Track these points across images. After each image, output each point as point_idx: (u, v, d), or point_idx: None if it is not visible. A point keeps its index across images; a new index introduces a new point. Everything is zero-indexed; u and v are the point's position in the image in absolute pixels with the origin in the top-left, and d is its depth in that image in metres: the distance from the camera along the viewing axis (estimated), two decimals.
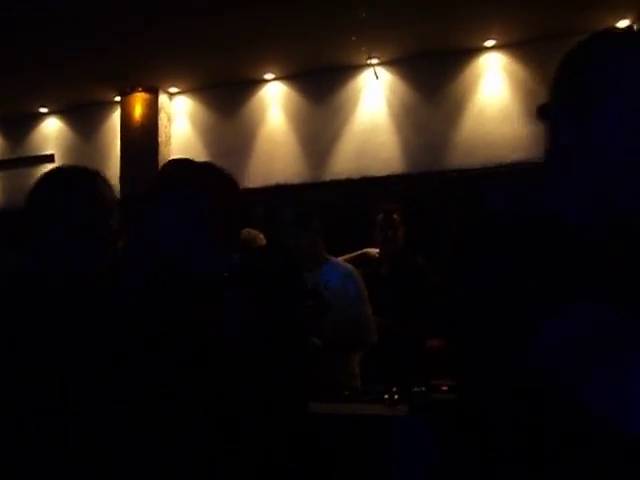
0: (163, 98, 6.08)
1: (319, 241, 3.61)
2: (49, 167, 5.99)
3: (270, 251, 1.79)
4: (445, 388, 2.83)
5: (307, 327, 3.45)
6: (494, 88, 5.14)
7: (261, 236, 4.28)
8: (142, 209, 1.67)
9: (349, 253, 4.19)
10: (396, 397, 2.84)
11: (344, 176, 5.54)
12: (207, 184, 1.64)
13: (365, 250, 4.19)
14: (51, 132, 6.70)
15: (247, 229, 4.33)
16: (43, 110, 6.62)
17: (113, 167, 6.17)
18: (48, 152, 6.67)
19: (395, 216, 4.11)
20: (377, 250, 4.13)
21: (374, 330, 3.57)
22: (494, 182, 5.22)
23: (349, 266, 3.66)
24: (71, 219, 1.58)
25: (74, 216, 1.58)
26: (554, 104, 1.12)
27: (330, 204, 5.98)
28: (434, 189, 5.65)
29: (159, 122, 6.02)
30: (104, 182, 1.68)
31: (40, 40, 5.02)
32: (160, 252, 1.58)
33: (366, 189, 5.53)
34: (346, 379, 3.44)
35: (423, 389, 2.75)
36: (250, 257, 1.74)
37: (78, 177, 1.67)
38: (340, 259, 3.86)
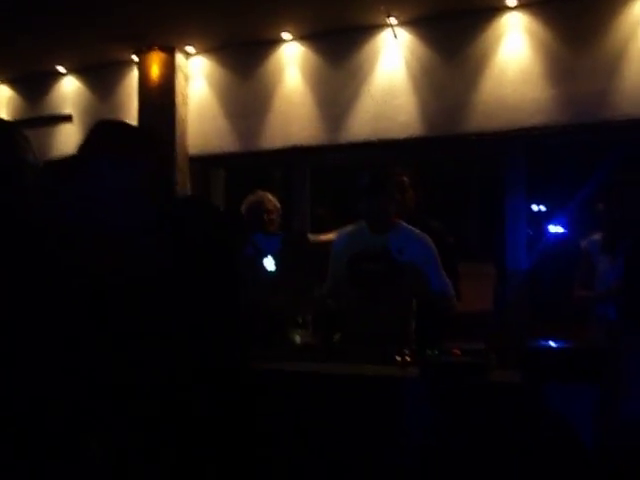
0: (180, 58, 6.04)
1: (392, 205, 3.58)
2: (67, 126, 5.99)
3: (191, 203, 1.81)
4: (458, 352, 2.83)
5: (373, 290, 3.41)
6: (515, 49, 5.02)
7: (269, 197, 4.28)
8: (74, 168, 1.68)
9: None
10: (408, 359, 2.85)
11: (361, 138, 5.49)
12: (137, 148, 1.66)
13: None
14: (69, 91, 6.69)
15: (258, 191, 4.35)
16: (61, 69, 6.60)
17: None
18: (66, 112, 6.67)
19: (404, 179, 4.10)
20: None
21: (454, 296, 3.60)
22: (513, 146, 5.15)
23: (422, 233, 3.63)
24: None
25: None
26: None
27: (347, 167, 5.96)
28: (452, 152, 5.60)
29: (176, 82, 5.99)
30: (20, 136, 1.69)
31: None
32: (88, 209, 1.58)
33: (383, 152, 5.49)
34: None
35: (435, 352, 2.76)
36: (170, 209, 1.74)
37: None
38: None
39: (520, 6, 4.99)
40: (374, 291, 3.49)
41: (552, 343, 2.53)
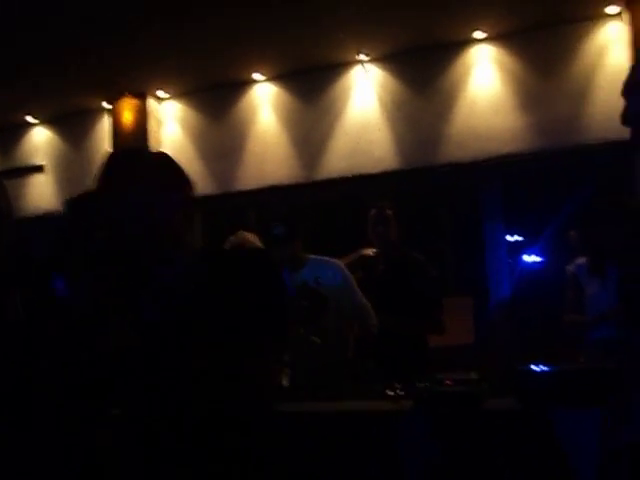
0: (151, 103, 6.02)
1: (300, 245, 3.65)
2: (39, 177, 5.87)
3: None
4: (450, 382, 2.78)
5: (307, 325, 3.45)
6: (485, 80, 5.10)
7: (250, 237, 4.20)
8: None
9: (344, 252, 4.13)
10: (400, 393, 2.79)
11: (337, 175, 5.50)
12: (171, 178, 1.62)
13: (360, 252, 4.14)
14: (40, 142, 6.63)
15: (240, 231, 4.28)
16: (31, 120, 6.55)
17: None
18: (37, 162, 6.60)
19: (387, 211, 4.08)
20: (372, 250, 4.09)
21: (374, 315, 3.62)
22: (489, 175, 5.19)
23: (332, 259, 3.69)
24: None
25: None
26: None
27: (324, 203, 5.95)
28: (427, 184, 5.62)
29: (149, 127, 5.97)
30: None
31: (25, 49, 4.96)
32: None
33: (360, 187, 5.50)
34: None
35: (427, 384, 2.71)
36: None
37: None
38: None
39: (488, 39, 5.10)
40: (307, 325, 3.52)
41: (545, 367, 2.49)
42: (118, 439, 1.53)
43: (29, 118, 6.52)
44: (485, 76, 5.10)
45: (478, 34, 5.05)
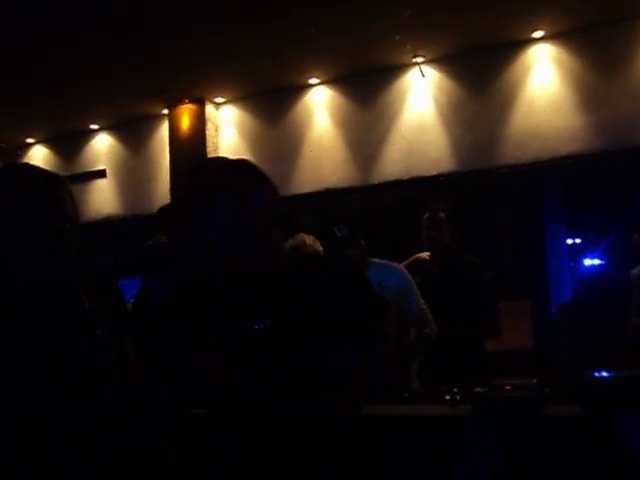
0: (210, 108, 6.12)
1: (363, 248, 3.65)
2: (101, 182, 6.01)
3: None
4: (509, 387, 2.74)
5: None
6: (544, 80, 5.01)
7: (308, 241, 4.21)
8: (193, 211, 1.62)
9: (401, 256, 4.11)
10: (458, 397, 2.76)
11: (393, 178, 5.48)
12: (257, 183, 1.62)
13: (415, 256, 4.12)
14: (102, 148, 6.81)
15: (300, 234, 4.30)
16: (93, 127, 6.74)
17: (163, 179, 6.24)
18: (100, 167, 6.78)
19: (440, 215, 4.04)
20: (427, 253, 4.06)
21: (433, 321, 3.61)
22: (550, 176, 5.09)
23: (394, 263, 3.71)
24: (24, 220, 1.53)
25: (26, 217, 1.54)
26: None
27: (380, 206, 5.94)
28: (486, 186, 5.55)
29: (206, 132, 6.06)
30: (64, 187, 1.64)
31: (87, 58, 5.10)
32: (214, 253, 1.55)
33: (416, 190, 5.46)
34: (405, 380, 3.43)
35: (486, 389, 2.67)
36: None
37: (36, 179, 1.64)
38: None
39: (546, 37, 5.00)
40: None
41: (608, 372, 2.43)
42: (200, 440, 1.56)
43: (92, 125, 6.70)
44: (544, 76, 5.01)
45: (537, 33, 4.96)
